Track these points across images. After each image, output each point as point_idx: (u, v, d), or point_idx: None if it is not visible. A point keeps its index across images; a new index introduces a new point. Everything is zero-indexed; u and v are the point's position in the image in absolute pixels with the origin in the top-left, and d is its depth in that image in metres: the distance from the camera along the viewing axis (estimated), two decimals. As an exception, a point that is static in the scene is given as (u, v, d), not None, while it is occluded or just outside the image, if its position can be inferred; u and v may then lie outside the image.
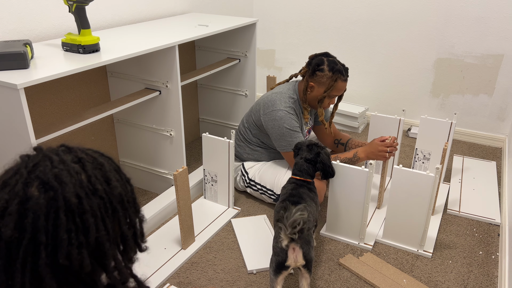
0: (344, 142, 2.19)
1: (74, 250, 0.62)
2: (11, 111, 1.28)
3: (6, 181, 0.64)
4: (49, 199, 0.62)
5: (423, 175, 1.61)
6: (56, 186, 0.63)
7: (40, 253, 0.61)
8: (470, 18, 2.58)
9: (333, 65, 1.89)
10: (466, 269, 1.68)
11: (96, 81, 1.97)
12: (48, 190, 0.63)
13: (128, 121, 2.08)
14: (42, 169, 0.64)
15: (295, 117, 1.93)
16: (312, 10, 3.04)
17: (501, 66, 2.60)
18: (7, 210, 0.61)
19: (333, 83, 1.88)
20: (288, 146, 1.91)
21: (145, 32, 1.95)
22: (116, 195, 0.69)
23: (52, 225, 0.62)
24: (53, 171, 0.64)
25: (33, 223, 0.61)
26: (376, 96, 3.05)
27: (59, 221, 0.62)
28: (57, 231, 0.62)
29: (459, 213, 2.01)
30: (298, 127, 1.92)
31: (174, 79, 1.84)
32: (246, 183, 2.09)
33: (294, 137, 1.90)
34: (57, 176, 0.64)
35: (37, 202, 0.62)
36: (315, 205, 1.58)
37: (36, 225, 0.61)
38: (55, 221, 0.62)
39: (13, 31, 1.65)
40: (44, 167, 0.64)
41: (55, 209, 0.62)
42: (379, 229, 1.88)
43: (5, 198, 0.62)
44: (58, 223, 0.62)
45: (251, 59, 2.44)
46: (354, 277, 1.63)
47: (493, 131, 2.76)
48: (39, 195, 0.62)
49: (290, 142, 1.90)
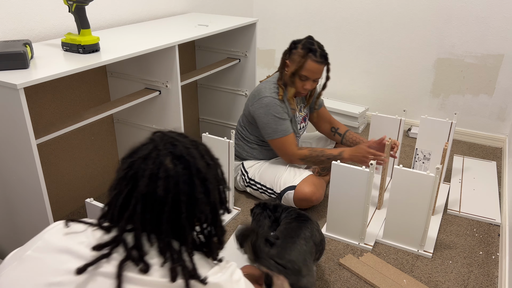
0: (341, 133, 2.20)
1: (204, 206, 0.83)
2: (11, 111, 1.28)
3: (146, 155, 0.82)
4: (183, 168, 0.81)
5: (423, 175, 1.61)
6: (189, 159, 0.83)
7: (181, 209, 0.80)
8: (470, 18, 2.58)
9: (308, 45, 1.88)
10: (466, 269, 1.68)
11: (96, 81, 1.97)
12: (182, 162, 0.82)
13: (128, 121, 2.08)
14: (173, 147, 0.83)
15: (281, 103, 1.93)
16: (312, 10, 3.04)
17: (501, 66, 2.60)
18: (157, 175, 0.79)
19: (303, 61, 1.86)
20: (273, 134, 1.93)
21: (145, 32, 1.95)
22: (219, 169, 0.91)
23: (188, 188, 0.81)
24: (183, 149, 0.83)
25: (175, 186, 0.79)
26: (376, 96, 3.05)
27: (195, 185, 0.82)
28: (194, 192, 0.82)
29: (459, 213, 2.01)
30: (285, 114, 1.93)
31: (174, 79, 1.84)
32: (246, 183, 2.09)
33: (279, 124, 1.91)
34: (188, 153, 0.83)
35: (176, 170, 0.80)
36: None
37: (178, 187, 0.80)
38: (190, 185, 0.81)
39: (13, 31, 1.65)
40: (174, 145, 0.83)
41: (190, 175, 0.82)
42: (379, 229, 1.88)
43: (151, 167, 0.80)
44: (193, 186, 0.82)
45: (251, 59, 2.44)
46: (354, 277, 1.63)
47: (493, 131, 2.76)
48: (173, 166, 0.80)
49: (275, 129, 1.91)
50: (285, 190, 1.94)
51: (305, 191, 1.90)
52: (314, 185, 1.92)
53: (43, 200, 1.37)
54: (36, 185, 1.36)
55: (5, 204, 1.49)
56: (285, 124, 1.93)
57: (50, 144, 1.82)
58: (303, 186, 1.91)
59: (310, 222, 1.49)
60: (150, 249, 0.79)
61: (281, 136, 1.93)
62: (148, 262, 0.76)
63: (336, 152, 1.93)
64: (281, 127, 1.92)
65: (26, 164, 1.34)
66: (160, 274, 0.76)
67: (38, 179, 1.34)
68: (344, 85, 3.13)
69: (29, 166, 1.34)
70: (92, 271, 0.75)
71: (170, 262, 0.77)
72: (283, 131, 1.93)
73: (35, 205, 1.40)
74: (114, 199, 0.81)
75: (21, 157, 1.34)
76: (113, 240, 0.78)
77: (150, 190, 0.79)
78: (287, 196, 1.94)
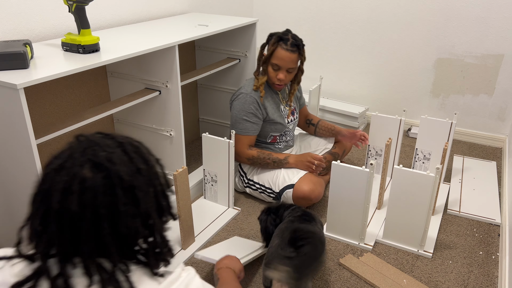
0: (314, 123, 2.30)
1: (130, 220, 0.73)
2: (11, 111, 1.28)
3: (62, 165, 0.72)
4: (103, 178, 0.72)
5: (423, 175, 1.61)
6: (109, 166, 0.72)
7: (102, 224, 0.71)
8: (470, 18, 2.58)
9: (281, 35, 1.91)
10: (466, 269, 1.68)
11: (96, 81, 1.97)
12: (101, 171, 0.72)
13: (128, 121, 2.08)
14: (92, 153, 0.73)
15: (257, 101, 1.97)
16: (312, 10, 3.04)
17: (501, 66, 2.60)
18: (69, 189, 0.70)
19: (273, 49, 1.90)
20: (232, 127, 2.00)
21: (145, 32, 1.95)
22: (154, 173, 0.80)
23: (110, 200, 0.71)
24: (103, 154, 0.74)
25: (93, 199, 0.70)
26: (376, 96, 3.05)
27: (117, 196, 0.72)
28: (116, 205, 0.72)
29: (459, 213, 2.01)
30: (254, 116, 1.98)
31: (174, 79, 1.84)
32: (245, 183, 2.09)
33: (241, 122, 1.98)
34: (108, 158, 0.73)
35: (94, 181, 0.71)
36: None
37: (96, 200, 0.70)
38: (112, 196, 0.71)
39: (13, 31, 1.65)
40: (94, 151, 0.74)
41: (111, 186, 0.72)
42: (379, 229, 1.88)
43: (65, 179, 0.71)
44: (115, 198, 0.72)
45: (251, 59, 2.44)
46: (354, 277, 1.63)
47: (493, 131, 2.76)
48: (93, 175, 0.71)
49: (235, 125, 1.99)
50: (284, 189, 1.95)
51: (303, 189, 1.90)
52: (312, 183, 1.92)
53: (43, 200, 1.37)
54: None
55: (5, 204, 1.49)
56: (247, 124, 1.98)
57: (50, 144, 1.81)
58: (302, 184, 1.91)
59: (314, 223, 1.48)
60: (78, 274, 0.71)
61: (237, 133, 1.99)
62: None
63: (282, 157, 2.00)
64: (240, 125, 1.98)
65: (26, 164, 1.34)
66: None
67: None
68: (344, 85, 3.13)
69: (29, 166, 1.34)
70: None
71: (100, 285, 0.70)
72: (241, 130, 1.99)
73: (35, 205, 1.40)
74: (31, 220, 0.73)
75: (21, 157, 1.34)
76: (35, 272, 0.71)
77: (64, 206, 0.70)
78: (286, 195, 1.95)
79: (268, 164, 2.00)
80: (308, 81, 3.24)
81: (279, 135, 2.12)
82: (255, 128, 2.01)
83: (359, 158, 2.55)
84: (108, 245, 0.72)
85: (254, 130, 2.01)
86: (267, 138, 2.10)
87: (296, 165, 1.98)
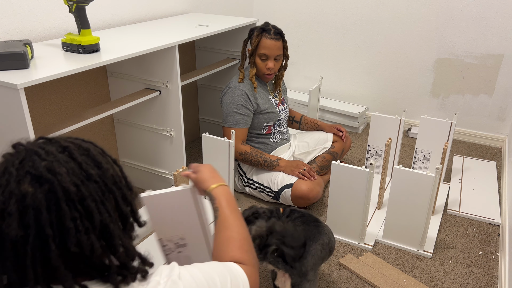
0: (298, 120, 2.38)
1: (82, 236, 0.63)
2: (11, 111, 1.28)
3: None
4: (46, 192, 0.62)
5: (423, 175, 1.61)
6: (51, 178, 0.63)
7: (49, 245, 0.61)
8: (470, 18, 2.58)
9: (262, 26, 2.00)
10: (466, 269, 1.68)
11: (96, 81, 1.97)
12: (43, 184, 0.63)
13: (128, 121, 2.08)
14: (31, 164, 0.63)
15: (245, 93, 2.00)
16: (312, 10, 3.04)
17: (501, 66, 2.60)
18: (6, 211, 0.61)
19: (258, 40, 1.97)
20: (225, 121, 2.02)
21: (145, 32, 1.95)
22: (109, 176, 0.70)
23: (55, 217, 0.62)
24: (43, 164, 0.64)
25: (36, 218, 0.61)
26: (376, 96, 3.05)
27: (62, 211, 0.62)
28: (62, 221, 0.62)
29: (459, 213, 2.01)
30: (244, 108, 2.00)
31: (174, 79, 1.84)
32: (244, 183, 2.10)
33: (232, 115, 1.99)
34: (49, 168, 0.63)
35: (35, 197, 0.61)
36: None
37: (39, 219, 0.61)
38: (58, 212, 0.62)
39: (13, 31, 1.65)
40: (33, 161, 0.64)
41: (55, 200, 0.62)
42: (379, 229, 1.88)
43: (1, 199, 0.61)
44: (61, 214, 0.62)
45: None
46: (354, 277, 1.63)
47: (493, 131, 2.76)
48: (34, 190, 0.62)
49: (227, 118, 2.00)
50: (283, 188, 1.95)
51: (302, 189, 1.90)
52: (311, 182, 1.93)
53: (43, 200, 1.37)
54: (36, 185, 1.36)
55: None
56: (237, 117, 2.00)
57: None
58: (300, 184, 1.92)
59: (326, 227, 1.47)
60: None
61: (229, 126, 2.01)
62: None
63: (274, 158, 2.01)
64: (231, 118, 2.00)
65: (26, 164, 1.34)
66: None
67: (38, 179, 1.34)
68: (344, 85, 3.13)
69: (29, 166, 1.33)
70: None
71: None
72: (232, 123, 2.00)
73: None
74: None
75: (21, 157, 1.34)
76: None
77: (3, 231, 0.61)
78: (284, 195, 1.95)
79: (259, 163, 2.00)
80: (308, 81, 3.24)
81: (273, 124, 2.14)
82: (246, 121, 2.02)
83: (359, 158, 2.55)
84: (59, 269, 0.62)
85: (245, 123, 2.01)
86: (262, 129, 2.11)
87: (285, 169, 1.99)
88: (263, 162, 2.00)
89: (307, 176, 1.95)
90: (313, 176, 1.96)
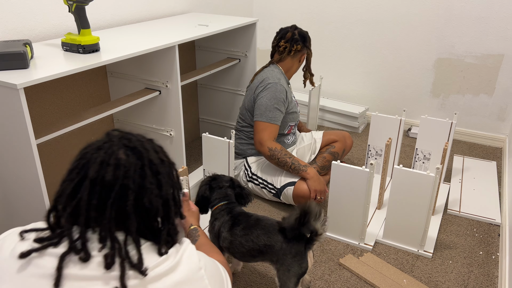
0: None
1: (154, 197, 0.83)
2: (11, 111, 1.28)
3: (100, 146, 0.83)
4: (136, 158, 0.82)
5: (423, 175, 1.61)
6: (142, 150, 0.84)
7: (129, 196, 0.80)
8: (470, 18, 2.58)
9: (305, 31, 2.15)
10: (466, 269, 1.68)
11: (96, 81, 1.97)
12: (135, 153, 0.83)
13: (128, 121, 2.08)
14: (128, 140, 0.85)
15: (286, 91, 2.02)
16: (312, 10, 3.04)
17: (501, 66, 2.60)
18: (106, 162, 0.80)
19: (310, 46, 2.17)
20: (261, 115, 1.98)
21: (145, 32, 1.95)
22: (173, 167, 0.91)
23: (138, 177, 0.81)
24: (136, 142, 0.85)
25: (125, 173, 0.80)
26: (376, 96, 3.05)
27: (145, 174, 0.82)
28: (143, 181, 0.82)
29: (459, 213, 2.01)
30: (283, 106, 2.01)
31: (174, 79, 1.84)
32: (248, 177, 2.10)
33: (272, 110, 1.97)
34: (142, 145, 0.85)
35: (128, 159, 0.81)
36: None
37: (128, 175, 0.80)
38: (141, 174, 0.82)
39: (13, 31, 1.65)
40: (129, 139, 0.85)
41: (142, 165, 0.83)
42: (380, 229, 1.88)
43: (103, 155, 0.81)
44: (144, 176, 0.82)
45: (251, 59, 2.44)
46: (354, 277, 1.63)
47: (493, 131, 2.76)
48: (126, 157, 0.82)
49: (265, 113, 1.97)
50: (285, 186, 1.95)
51: (304, 188, 1.90)
52: None
53: (43, 200, 1.37)
54: (36, 185, 1.36)
55: (5, 204, 1.49)
56: (277, 113, 1.98)
57: (50, 144, 1.81)
58: (303, 183, 1.92)
59: None
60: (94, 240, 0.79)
61: (266, 121, 1.97)
62: (89, 252, 0.76)
63: (303, 164, 1.94)
64: (271, 114, 1.97)
65: (26, 164, 1.34)
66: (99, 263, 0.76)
67: (38, 179, 1.34)
68: (344, 85, 3.13)
69: (29, 166, 1.34)
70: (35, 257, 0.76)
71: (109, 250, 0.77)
72: (271, 118, 1.97)
73: (35, 205, 1.40)
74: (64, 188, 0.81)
75: (21, 157, 1.34)
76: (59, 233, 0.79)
77: (99, 176, 0.79)
78: (286, 192, 1.95)
79: (286, 163, 1.93)
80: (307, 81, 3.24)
81: (294, 124, 2.17)
82: (281, 118, 2.02)
83: (359, 158, 2.55)
84: (130, 216, 0.80)
85: (280, 120, 2.01)
86: (285, 129, 2.12)
87: (312, 178, 1.91)
88: (290, 163, 1.93)
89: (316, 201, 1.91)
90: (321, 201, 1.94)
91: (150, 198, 0.82)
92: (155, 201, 0.83)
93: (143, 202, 0.81)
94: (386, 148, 1.92)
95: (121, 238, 0.79)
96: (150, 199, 0.82)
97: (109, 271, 0.75)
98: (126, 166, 0.81)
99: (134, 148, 0.84)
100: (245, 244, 1.38)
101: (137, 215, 0.81)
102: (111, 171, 0.79)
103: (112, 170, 0.79)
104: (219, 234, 1.46)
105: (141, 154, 0.83)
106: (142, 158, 0.83)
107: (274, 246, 1.33)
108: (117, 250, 0.77)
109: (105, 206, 0.78)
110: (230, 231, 1.43)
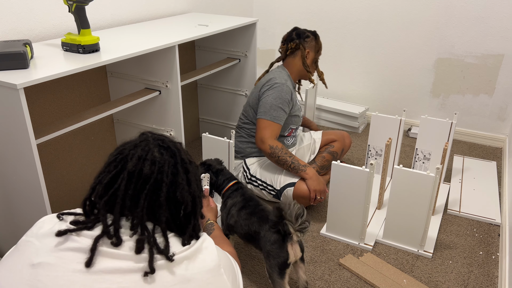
0: None
1: (185, 192, 0.91)
2: (11, 111, 1.28)
3: (136, 144, 0.91)
4: (169, 156, 0.91)
5: (423, 175, 1.61)
6: (175, 150, 0.93)
7: (162, 189, 0.88)
8: (470, 18, 2.58)
9: (308, 30, 2.14)
10: (466, 269, 1.68)
11: (96, 81, 1.97)
12: (168, 151, 0.92)
13: (128, 121, 2.08)
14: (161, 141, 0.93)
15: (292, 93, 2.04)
16: (312, 10, 3.04)
17: (501, 66, 2.60)
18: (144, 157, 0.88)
19: (320, 45, 2.16)
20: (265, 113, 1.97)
21: (145, 32, 1.95)
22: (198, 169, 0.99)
23: (171, 173, 0.90)
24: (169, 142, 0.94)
25: (159, 168, 0.88)
26: (376, 96, 3.05)
27: (177, 171, 0.91)
28: (176, 177, 0.90)
29: (460, 213, 2.01)
30: (287, 107, 2.01)
31: (174, 79, 1.84)
32: (248, 179, 2.10)
33: (276, 109, 1.97)
34: (174, 145, 0.94)
35: (162, 157, 0.90)
36: None
37: (162, 170, 0.88)
38: (173, 171, 0.90)
39: (13, 31, 1.65)
40: (162, 139, 0.94)
41: (175, 163, 0.91)
42: (379, 229, 1.88)
43: (140, 152, 0.89)
44: (176, 172, 0.90)
45: (251, 59, 2.44)
46: (354, 278, 1.63)
47: (493, 131, 2.76)
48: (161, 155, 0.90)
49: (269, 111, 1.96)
50: (285, 187, 1.95)
51: (304, 188, 1.90)
52: None
53: (43, 200, 1.37)
54: (36, 185, 1.36)
55: (5, 204, 1.49)
56: (281, 113, 1.98)
57: (50, 144, 1.81)
58: (303, 184, 1.91)
59: None
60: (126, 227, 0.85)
61: (269, 119, 1.96)
62: (121, 237, 0.82)
63: (303, 163, 1.94)
64: (275, 112, 1.97)
65: (26, 164, 1.34)
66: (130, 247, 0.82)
67: (38, 179, 1.34)
68: (344, 85, 3.13)
69: (29, 166, 1.34)
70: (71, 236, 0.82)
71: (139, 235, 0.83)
72: (274, 117, 1.97)
73: (35, 205, 1.40)
74: (102, 178, 0.88)
75: (21, 157, 1.34)
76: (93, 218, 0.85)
77: (137, 169, 0.87)
78: (286, 193, 1.95)
79: (285, 162, 1.93)
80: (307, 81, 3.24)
81: (295, 128, 2.17)
82: (284, 119, 2.02)
83: (359, 158, 2.55)
84: (161, 207, 0.87)
85: (283, 120, 2.01)
86: (285, 131, 2.12)
87: (311, 178, 1.90)
88: (290, 162, 1.92)
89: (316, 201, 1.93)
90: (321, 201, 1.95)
91: (182, 192, 0.90)
92: (186, 196, 0.91)
93: (175, 196, 0.89)
94: (386, 148, 1.92)
95: (150, 227, 0.86)
96: (182, 193, 0.90)
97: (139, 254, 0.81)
98: (161, 162, 0.89)
99: (168, 147, 0.92)
100: (244, 227, 1.51)
101: (168, 207, 0.89)
102: (148, 166, 0.87)
103: (149, 165, 0.87)
104: (229, 211, 1.58)
105: (174, 153, 0.92)
106: (175, 156, 0.92)
107: (260, 233, 1.44)
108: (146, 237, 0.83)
109: (140, 196, 0.86)
110: (238, 211, 1.55)
